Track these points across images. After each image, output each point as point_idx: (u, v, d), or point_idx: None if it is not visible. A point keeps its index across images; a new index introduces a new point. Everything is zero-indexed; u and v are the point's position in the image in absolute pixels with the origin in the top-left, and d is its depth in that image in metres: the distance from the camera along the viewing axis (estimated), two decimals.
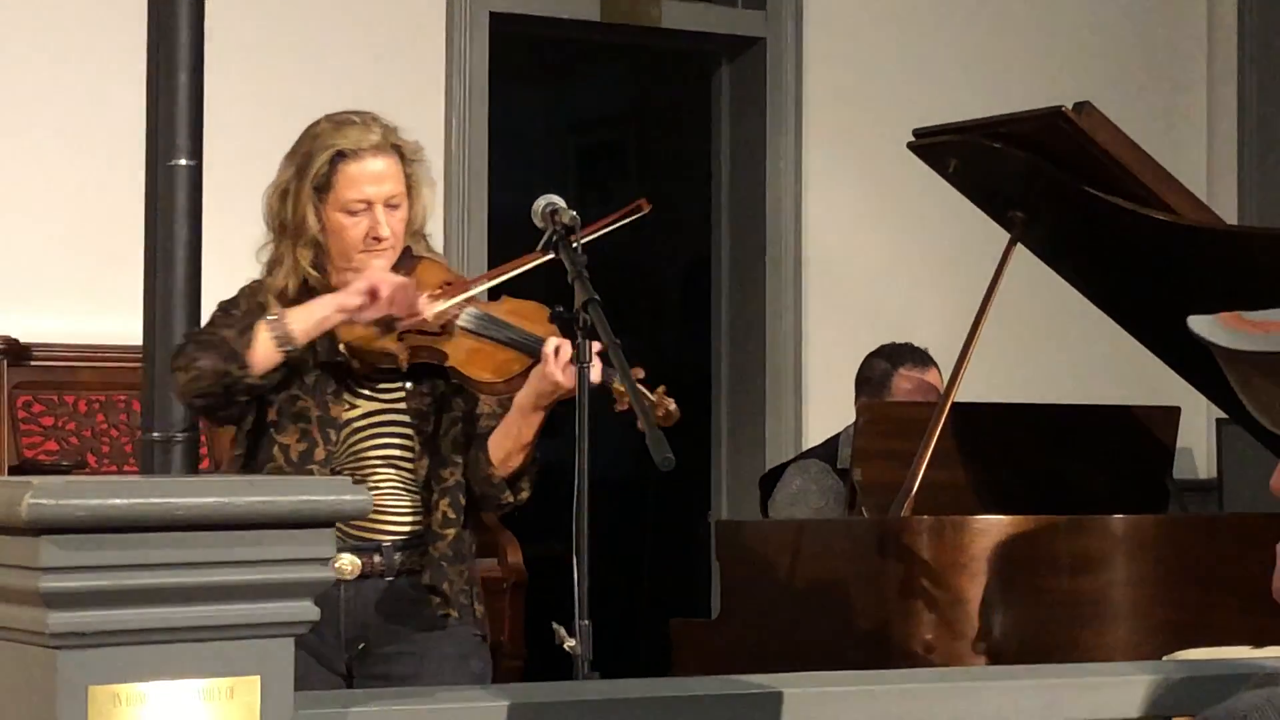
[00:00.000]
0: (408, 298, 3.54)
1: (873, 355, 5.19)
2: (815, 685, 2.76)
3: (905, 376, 5.07)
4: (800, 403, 6.57)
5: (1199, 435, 6.97)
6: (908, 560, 4.15)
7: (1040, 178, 4.40)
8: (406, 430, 3.64)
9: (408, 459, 3.63)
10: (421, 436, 3.63)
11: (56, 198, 5.52)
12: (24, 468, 5.13)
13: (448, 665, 3.58)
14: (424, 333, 3.60)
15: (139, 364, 3.86)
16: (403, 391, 3.65)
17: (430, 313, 3.59)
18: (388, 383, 3.65)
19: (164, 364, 3.64)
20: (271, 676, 2.15)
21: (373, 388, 3.65)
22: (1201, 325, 1.66)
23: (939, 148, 4.55)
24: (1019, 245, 4.54)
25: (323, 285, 3.64)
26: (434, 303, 3.60)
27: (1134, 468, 4.95)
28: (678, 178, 7.95)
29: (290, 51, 5.84)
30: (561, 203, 3.45)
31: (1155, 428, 5.01)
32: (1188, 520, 4.87)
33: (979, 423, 4.71)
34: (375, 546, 3.59)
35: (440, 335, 3.62)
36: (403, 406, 3.64)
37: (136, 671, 2.08)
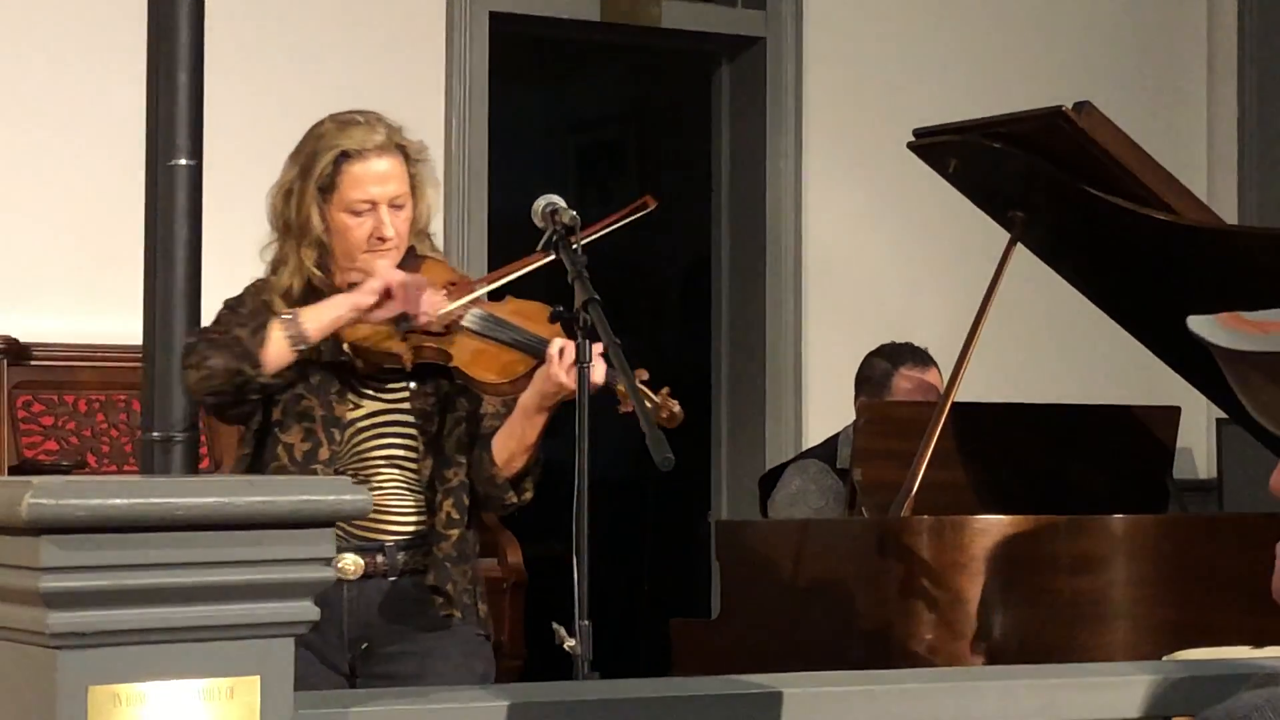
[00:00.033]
0: (421, 296, 3.54)
1: (873, 355, 5.19)
2: (815, 685, 2.76)
3: (906, 376, 5.07)
4: (800, 403, 6.57)
5: (1199, 435, 6.97)
6: (908, 560, 4.15)
7: (1040, 177, 4.40)
8: (410, 430, 3.64)
9: (412, 459, 3.63)
10: (425, 437, 3.63)
11: (56, 198, 5.52)
12: (24, 467, 5.14)
13: (451, 665, 3.58)
14: (428, 333, 3.60)
15: (139, 364, 3.85)
16: (407, 392, 3.65)
17: (438, 313, 3.59)
18: (392, 383, 3.65)
19: (164, 364, 3.65)
20: (271, 676, 2.15)
21: (377, 388, 3.65)
22: (1201, 325, 1.66)
23: (939, 148, 4.55)
24: (1019, 245, 4.54)
25: (326, 285, 3.65)
26: (445, 302, 3.60)
27: (1134, 468, 4.95)
28: (678, 178, 7.95)
29: (290, 51, 5.85)
30: (561, 203, 3.45)
31: (1155, 428, 5.01)
32: (1188, 520, 4.87)
33: (979, 423, 4.71)
34: (378, 546, 3.60)
35: (445, 336, 3.62)
36: (407, 407, 3.65)
37: (136, 671, 2.08)
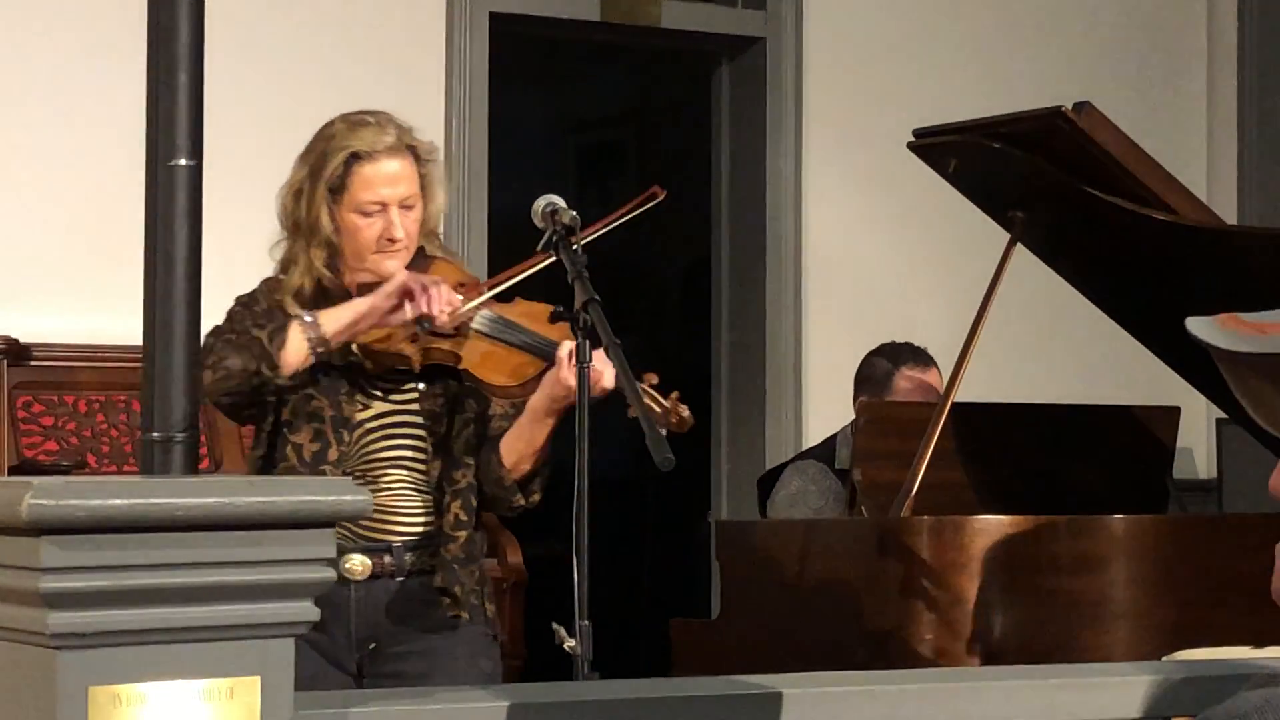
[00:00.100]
0: (440, 297, 3.54)
1: (873, 354, 5.18)
2: (815, 685, 2.76)
3: (906, 376, 5.07)
4: (800, 403, 6.57)
5: (1199, 435, 6.97)
6: (908, 560, 4.15)
7: (1040, 178, 4.40)
8: (419, 431, 3.64)
9: (420, 460, 3.63)
10: (434, 438, 3.64)
11: (57, 198, 5.52)
12: (24, 468, 5.13)
13: (458, 665, 3.59)
14: (438, 335, 3.59)
15: (139, 364, 3.85)
16: (416, 393, 3.65)
17: (456, 314, 3.59)
18: (401, 384, 3.65)
19: (164, 364, 3.63)
20: (272, 677, 2.15)
21: (386, 389, 3.65)
22: (1199, 327, 1.66)
23: (939, 148, 4.55)
24: (1019, 245, 4.54)
25: (336, 285, 3.65)
26: (462, 303, 3.60)
27: (1134, 468, 4.95)
28: (678, 178, 7.94)
29: (290, 51, 5.84)
30: (561, 203, 3.45)
31: (1155, 428, 5.01)
32: (1188, 520, 4.87)
33: (979, 423, 4.71)
34: (386, 547, 3.60)
35: (454, 338, 3.61)
36: (416, 408, 3.65)
37: (137, 672, 2.08)
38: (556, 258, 3.42)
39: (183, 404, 3.66)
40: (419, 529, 3.62)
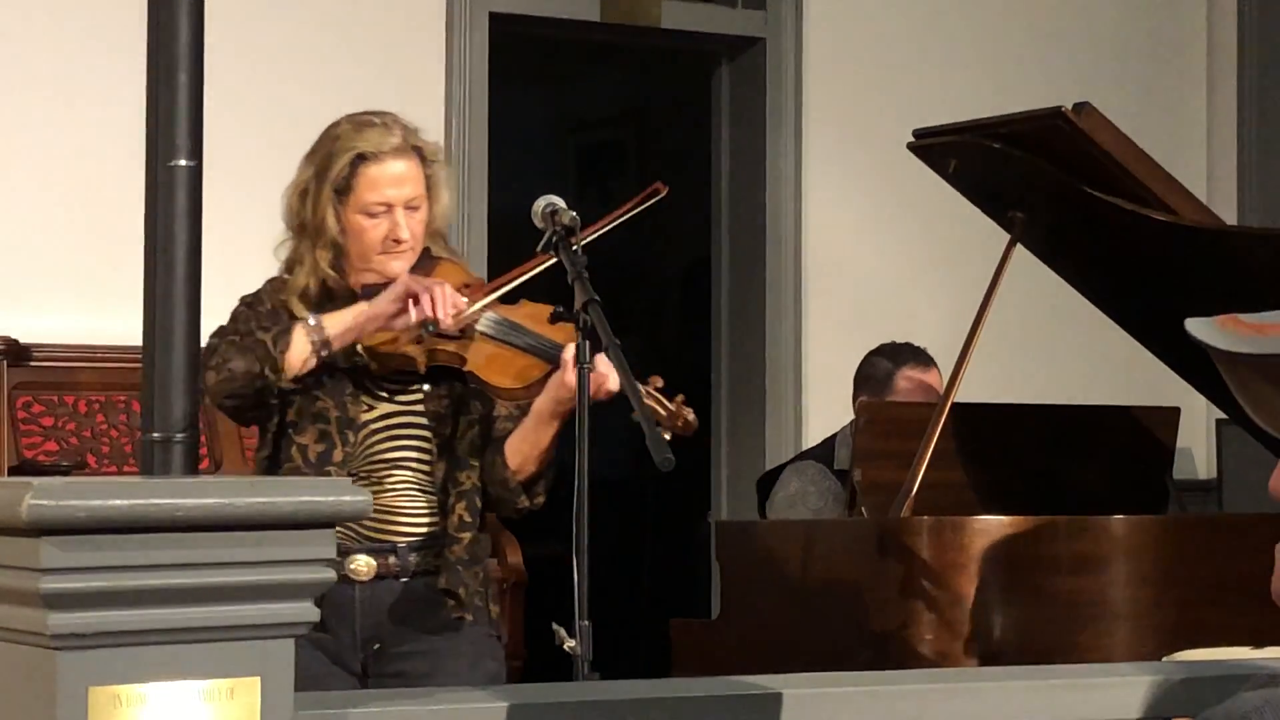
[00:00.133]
0: (445, 301, 3.54)
1: (873, 354, 5.18)
2: (815, 686, 2.76)
3: (907, 376, 5.06)
4: (800, 403, 6.57)
5: (1199, 435, 6.97)
6: (908, 560, 4.15)
7: (1040, 178, 4.40)
8: (424, 433, 3.64)
9: (425, 461, 3.63)
10: (439, 439, 3.64)
11: (57, 198, 5.52)
12: (24, 468, 5.13)
13: (462, 664, 3.59)
14: (443, 336, 3.59)
15: (139, 364, 3.85)
16: (421, 394, 3.65)
17: (462, 316, 3.59)
18: (406, 385, 3.65)
19: (164, 364, 3.64)
20: (272, 677, 2.15)
21: (391, 390, 3.65)
22: (1199, 328, 1.66)
23: (939, 148, 4.55)
24: (1019, 245, 4.54)
25: (341, 286, 3.65)
26: (466, 305, 3.60)
27: (1134, 468, 4.95)
28: (678, 178, 7.94)
29: (290, 51, 5.84)
30: (561, 203, 3.44)
31: (1155, 428, 5.01)
32: (1188, 521, 4.87)
33: (979, 423, 4.71)
34: (390, 548, 3.60)
35: (459, 339, 3.61)
36: (420, 409, 3.65)
37: (137, 672, 2.08)
38: (557, 258, 3.42)
39: (183, 404, 3.67)
40: (423, 530, 3.62)
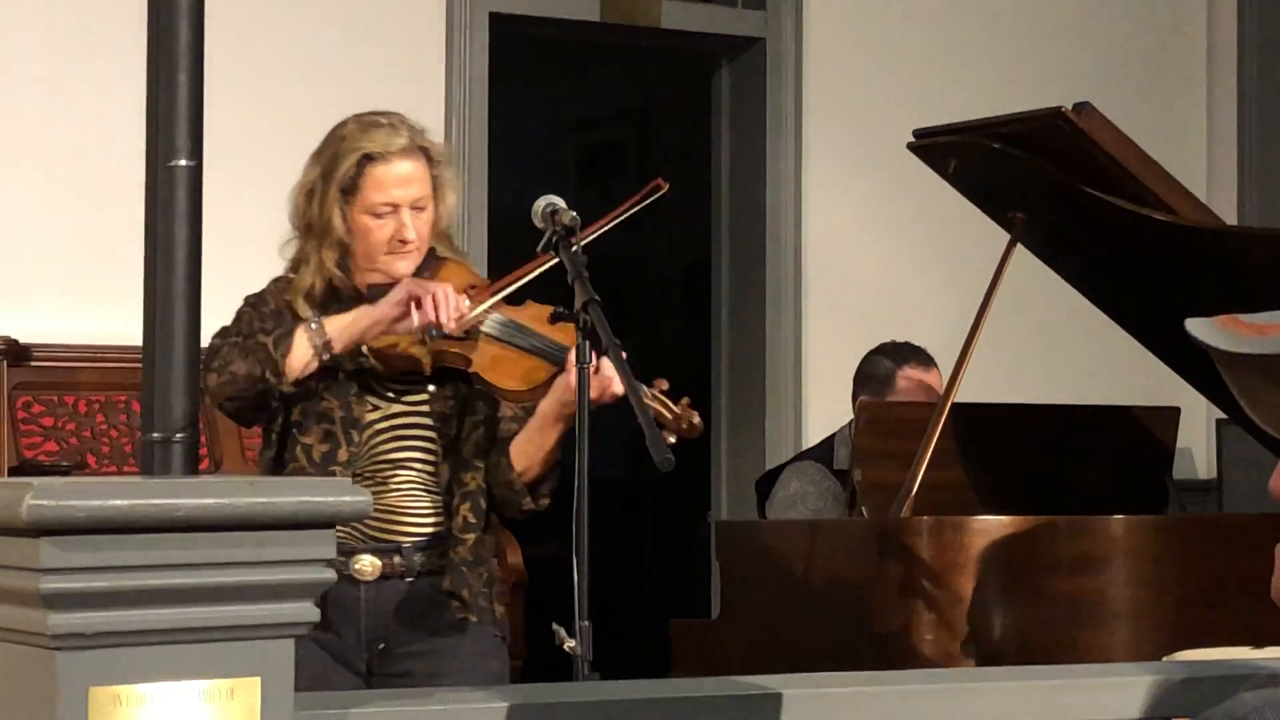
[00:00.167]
0: (447, 304, 3.53)
1: (874, 353, 5.17)
2: (815, 686, 2.76)
3: (909, 376, 5.06)
4: (800, 403, 6.57)
5: (1199, 435, 6.97)
6: (908, 560, 4.15)
7: (1040, 178, 4.40)
8: (429, 434, 3.64)
9: (430, 462, 3.63)
10: (444, 440, 3.64)
11: (57, 198, 5.52)
12: (24, 468, 5.13)
13: (467, 664, 3.60)
14: (449, 337, 3.59)
15: (139, 365, 3.85)
16: (426, 395, 3.65)
17: (465, 319, 3.58)
18: (411, 385, 3.65)
19: (164, 364, 3.64)
20: (272, 677, 2.15)
21: (396, 390, 3.65)
22: (1199, 328, 1.66)
23: (939, 148, 4.55)
24: (1019, 245, 4.54)
25: (346, 285, 3.65)
26: (470, 308, 3.59)
27: (1134, 468, 4.95)
28: (678, 178, 7.94)
29: (290, 51, 5.85)
30: (561, 203, 3.44)
31: (1155, 428, 5.01)
32: (1187, 521, 4.87)
33: (979, 423, 4.71)
34: (395, 548, 3.60)
35: (465, 341, 3.61)
36: (426, 409, 3.65)
37: (137, 673, 2.08)
38: (557, 258, 3.42)
39: (183, 404, 3.67)
40: (428, 530, 3.62)
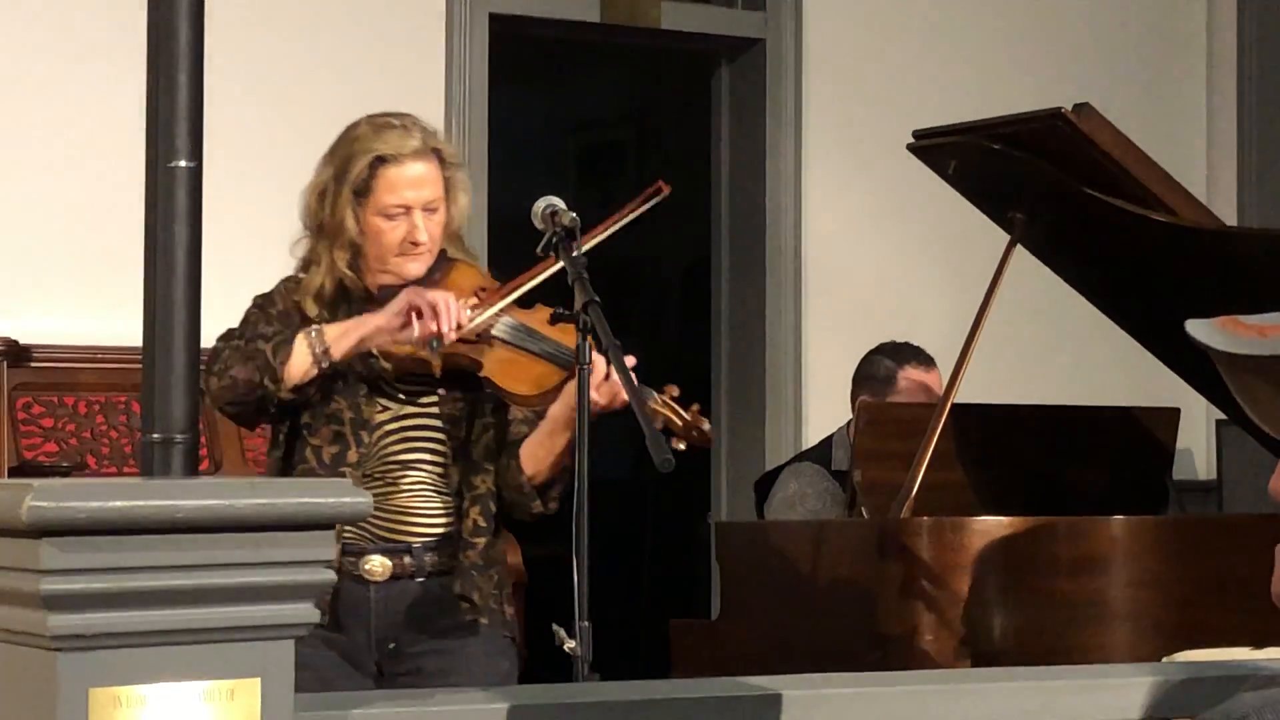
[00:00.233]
0: (449, 314, 3.53)
1: (874, 353, 5.17)
2: (815, 687, 2.76)
3: (909, 376, 5.06)
4: (800, 403, 6.57)
5: (1199, 436, 6.97)
6: (908, 561, 4.15)
7: (1040, 179, 4.40)
8: (438, 435, 3.64)
9: (439, 463, 3.64)
10: (454, 442, 3.64)
11: (57, 199, 5.52)
12: (24, 469, 5.13)
13: (476, 663, 3.61)
14: (459, 340, 3.59)
15: (139, 366, 3.85)
16: (436, 396, 3.66)
17: (468, 327, 3.58)
18: (421, 387, 3.66)
19: (164, 365, 3.64)
20: (272, 678, 2.15)
21: (406, 392, 3.66)
22: (1199, 329, 1.66)
23: (938, 149, 4.55)
24: (1019, 245, 4.54)
25: (357, 286, 3.66)
26: (475, 315, 3.59)
27: (1134, 469, 4.95)
28: (678, 178, 7.94)
29: (290, 52, 5.84)
30: (561, 204, 3.45)
31: (1155, 429, 5.01)
32: (1187, 521, 4.87)
33: (979, 423, 4.71)
34: (405, 548, 3.61)
35: (476, 344, 3.61)
36: (436, 411, 3.65)
37: (137, 674, 2.08)
38: (557, 260, 3.42)
39: (183, 405, 3.66)
40: (438, 530, 3.63)
